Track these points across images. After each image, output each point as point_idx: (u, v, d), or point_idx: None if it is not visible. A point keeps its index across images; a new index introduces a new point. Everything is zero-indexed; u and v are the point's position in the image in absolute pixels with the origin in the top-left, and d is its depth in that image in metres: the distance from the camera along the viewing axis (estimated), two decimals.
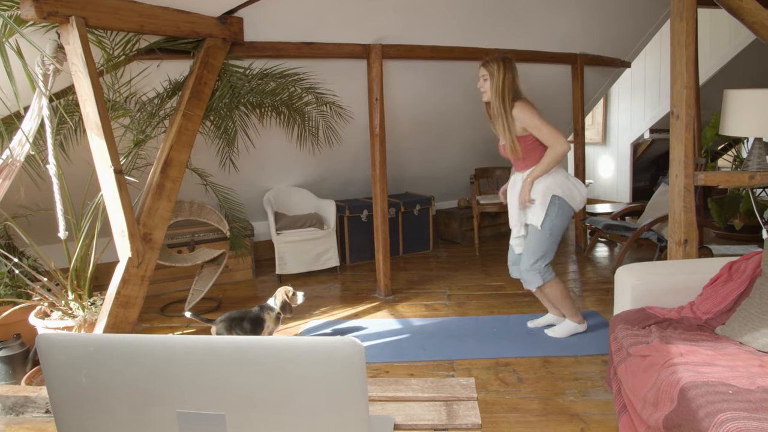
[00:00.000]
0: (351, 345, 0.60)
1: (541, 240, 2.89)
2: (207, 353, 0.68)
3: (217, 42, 3.01)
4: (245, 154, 3.88)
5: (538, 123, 2.77)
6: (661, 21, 4.61)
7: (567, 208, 2.87)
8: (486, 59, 2.91)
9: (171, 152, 2.80)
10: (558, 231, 2.90)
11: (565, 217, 2.88)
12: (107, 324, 2.54)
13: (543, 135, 2.79)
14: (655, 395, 1.68)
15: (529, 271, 2.93)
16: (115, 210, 2.57)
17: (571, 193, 2.86)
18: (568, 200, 2.85)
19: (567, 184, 2.87)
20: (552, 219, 2.85)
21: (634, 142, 6.52)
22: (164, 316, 3.65)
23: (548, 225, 2.86)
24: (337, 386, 0.60)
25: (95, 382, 0.72)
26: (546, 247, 2.89)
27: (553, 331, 3.08)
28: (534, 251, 2.90)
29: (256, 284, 4.35)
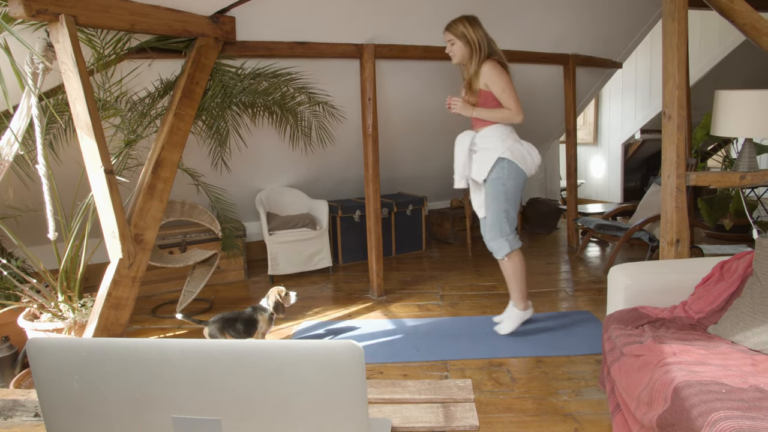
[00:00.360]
0: (350, 348, 0.59)
1: (498, 205, 2.90)
2: (203, 357, 0.67)
3: (209, 41, 2.99)
4: (237, 154, 3.86)
5: (504, 86, 2.80)
6: (652, 22, 4.64)
7: (518, 171, 2.87)
8: (449, 24, 2.93)
9: (162, 152, 2.78)
10: (512, 194, 2.90)
11: (517, 180, 2.89)
12: (98, 326, 2.51)
13: (504, 98, 2.81)
14: (649, 395, 1.69)
15: (495, 239, 2.94)
16: (105, 210, 2.55)
17: (522, 156, 2.87)
18: (519, 163, 2.86)
19: (517, 147, 2.88)
20: (504, 182, 2.86)
21: (625, 143, 6.57)
22: (155, 318, 3.62)
23: (501, 188, 2.87)
24: (336, 390, 0.59)
25: (88, 387, 0.71)
26: (504, 211, 2.90)
27: (500, 328, 3.07)
28: (497, 219, 2.92)
29: (248, 285, 4.33)
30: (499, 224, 2.92)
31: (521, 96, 4.84)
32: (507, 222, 2.91)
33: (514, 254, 2.97)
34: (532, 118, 5.24)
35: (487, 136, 2.93)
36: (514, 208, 2.95)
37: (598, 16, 4.35)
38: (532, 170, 2.95)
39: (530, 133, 5.55)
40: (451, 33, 2.91)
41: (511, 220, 2.93)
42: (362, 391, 0.61)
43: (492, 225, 2.95)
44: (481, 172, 2.92)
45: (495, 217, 2.93)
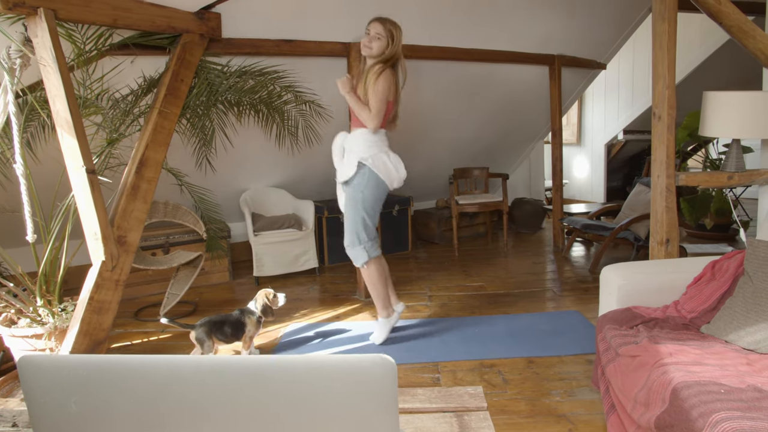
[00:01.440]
0: (382, 363, 0.55)
1: (355, 212, 2.88)
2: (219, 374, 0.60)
3: (194, 38, 2.92)
4: (222, 153, 3.78)
5: (381, 94, 2.77)
6: (636, 23, 4.69)
7: (378, 181, 2.85)
8: (385, 20, 2.87)
9: (146, 151, 2.70)
10: (371, 203, 2.86)
11: (377, 190, 2.86)
12: (80, 331, 2.43)
13: (373, 101, 2.79)
14: (646, 395, 1.68)
15: (353, 246, 2.92)
16: (87, 212, 2.46)
17: (385, 167, 2.86)
18: (380, 174, 2.84)
19: (381, 157, 2.87)
20: (362, 189, 2.84)
21: (608, 143, 6.64)
22: (138, 321, 3.52)
23: (358, 195, 2.85)
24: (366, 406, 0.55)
25: (89, 410, 0.64)
26: (360, 219, 2.87)
27: (373, 338, 3.04)
28: (353, 225, 2.89)
29: (233, 287, 4.25)
30: (355, 231, 2.88)
31: (506, 97, 4.89)
32: (364, 230, 2.87)
33: (372, 262, 2.92)
34: (517, 118, 5.29)
35: (355, 139, 2.92)
36: (372, 218, 2.90)
37: (583, 17, 4.38)
38: (394, 184, 2.92)
39: (516, 133, 5.59)
40: (383, 28, 2.84)
41: (368, 228, 2.89)
42: (394, 407, 0.57)
43: (348, 231, 2.92)
44: (343, 173, 2.92)
45: (351, 223, 2.90)
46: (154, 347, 3.12)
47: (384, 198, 2.96)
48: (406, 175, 2.99)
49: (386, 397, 0.56)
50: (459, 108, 4.76)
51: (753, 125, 2.41)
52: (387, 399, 0.56)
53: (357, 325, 3.37)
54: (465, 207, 5.05)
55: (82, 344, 2.44)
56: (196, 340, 2.70)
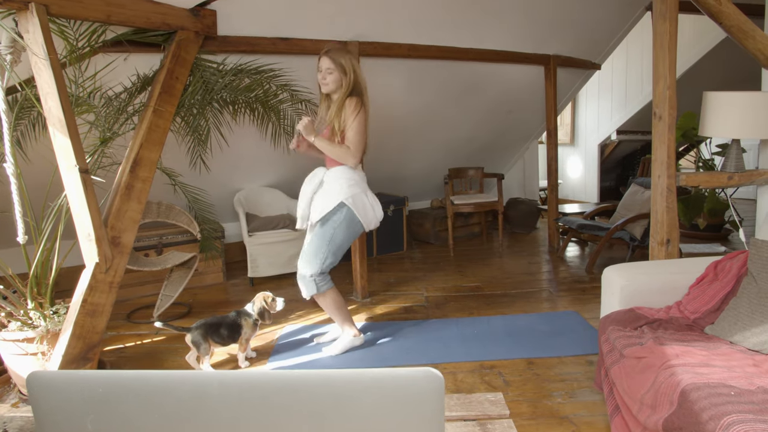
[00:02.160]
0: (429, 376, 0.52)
1: (320, 247, 2.76)
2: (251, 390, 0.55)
3: (189, 35, 2.86)
4: (216, 153, 3.72)
5: (358, 126, 2.68)
6: (631, 24, 4.70)
7: (354, 221, 2.76)
8: (332, 52, 2.76)
9: (141, 150, 2.64)
10: (339, 243, 2.77)
11: (351, 230, 2.77)
12: (73, 334, 2.37)
13: (351, 135, 2.70)
14: (653, 397, 1.67)
15: (302, 278, 2.81)
16: (80, 212, 2.40)
17: (364, 208, 2.77)
18: (360, 216, 2.76)
19: (361, 198, 2.77)
20: (335, 227, 2.74)
21: (601, 143, 6.66)
22: (131, 323, 3.46)
23: (329, 232, 2.74)
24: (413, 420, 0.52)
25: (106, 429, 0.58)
26: (324, 255, 2.76)
27: (329, 349, 2.94)
28: (311, 258, 2.77)
29: (227, 288, 4.20)
30: (312, 263, 2.76)
31: (501, 97, 4.87)
32: (320, 264, 2.76)
33: (320, 296, 2.84)
34: (512, 118, 5.28)
35: (336, 177, 2.79)
36: (336, 257, 2.79)
37: (579, 17, 4.38)
38: (371, 225, 2.83)
39: (511, 133, 5.58)
40: (331, 62, 2.74)
41: (325, 263, 2.77)
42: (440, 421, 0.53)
43: (305, 260, 2.79)
44: (319, 212, 2.78)
45: (311, 256, 2.77)
46: (147, 350, 3.06)
47: (355, 238, 2.85)
48: (382, 217, 2.89)
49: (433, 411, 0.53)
50: (454, 108, 4.74)
51: (753, 125, 2.41)
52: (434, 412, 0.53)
53: None
54: (460, 207, 5.04)
55: (75, 348, 2.39)
56: (192, 343, 2.65)
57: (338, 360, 2.87)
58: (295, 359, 2.87)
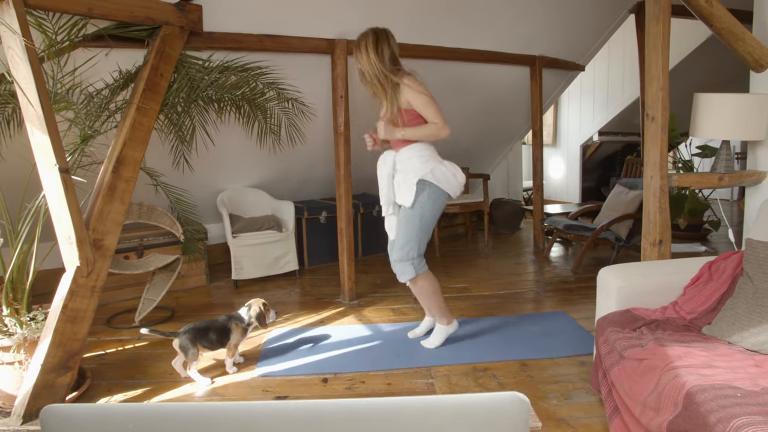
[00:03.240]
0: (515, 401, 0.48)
1: (410, 230, 2.74)
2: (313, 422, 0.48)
3: (174, 30, 2.77)
4: (199, 152, 3.63)
5: (427, 99, 2.66)
6: (615, 26, 4.75)
7: (439, 194, 2.74)
8: (356, 46, 2.77)
9: (124, 149, 2.54)
10: (429, 219, 2.75)
11: (437, 203, 2.75)
12: (52, 342, 2.26)
13: (429, 112, 2.66)
14: (657, 399, 1.66)
15: (400, 262, 2.79)
16: (60, 214, 2.30)
17: (446, 178, 2.73)
18: (442, 186, 2.73)
19: (440, 168, 2.73)
20: (422, 206, 2.72)
21: (583, 144, 6.72)
22: (111, 329, 3.33)
23: (417, 212, 2.72)
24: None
25: None
26: (417, 237, 2.75)
27: (427, 342, 2.94)
28: (404, 243, 2.76)
29: (210, 291, 4.09)
30: (407, 247, 2.75)
31: (487, 97, 4.87)
32: (416, 246, 2.75)
33: (420, 278, 2.82)
34: (498, 118, 5.28)
35: (408, 157, 2.75)
36: (427, 235, 2.78)
37: (565, 18, 4.40)
38: (456, 191, 2.79)
39: (495, 134, 5.59)
40: (355, 58, 2.74)
41: (420, 246, 2.77)
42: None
43: (400, 247, 2.78)
44: (407, 197, 2.73)
45: (405, 241, 2.76)
46: (129, 356, 2.95)
47: (443, 208, 2.83)
48: (464, 181, 2.84)
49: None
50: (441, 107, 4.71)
51: (743, 127, 2.44)
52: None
53: (342, 330, 3.28)
54: (447, 208, 5.01)
55: (55, 356, 2.28)
56: (179, 348, 2.56)
57: (337, 361, 2.81)
58: (284, 364, 2.80)
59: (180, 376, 2.66)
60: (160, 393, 2.53)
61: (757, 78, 2.60)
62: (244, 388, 2.57)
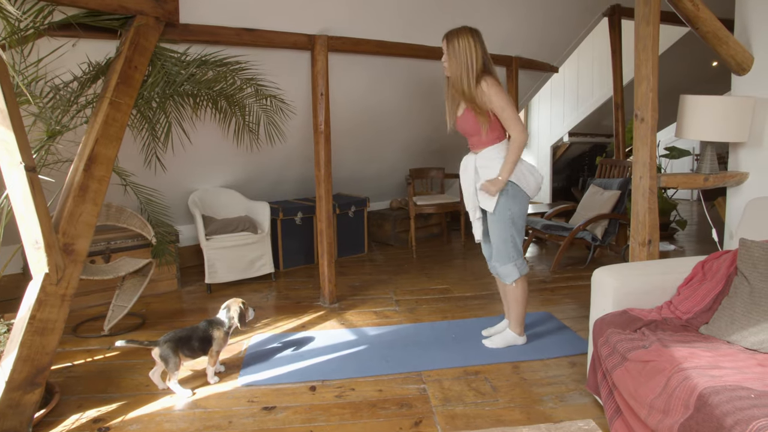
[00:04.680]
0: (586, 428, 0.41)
1: (505, 234, 2.75)
2: None
3: (149, 21, 2.61)
4: (170, 151, 3.45)
5: (504, 103, 2.63)
6: (589, 28, 4.82)
7: (521, 194, 2.73)
8: (449, 33, 2.70)
9: (96, 146, 2.37)
10: (519, 218, 2.76)
11: (522, 203, 2.75)
12: (19, 357, 2.08)
13: (505, 117, 2.64)
14: (665, 401, 1.64)
15: (503, 265, 2.80)
16: (26, 216, 2.11)
17: (525, 178, 2.72)
18: (522, 185, 2.71)
19: (519, 168, 2.71)
20: (510, 207, 2.71)
21: (553, 145, 6.82)
22: (78, 338, 3.12)
23: (507, 214, 2.72)
24: None
25: None
26: (510, 235, 2.76)
27: (490, 342, 2.95)
28: (503, 245, 2.77)
29: (182, 296, 3.91)
30: (506, 250, 2.77)
31: None
32: (513, 247, 2.77)
33: (522, 279, 2.83)
34: None
35: (489, 158, 2.71)
36: (520, 233, 2.79)
37: (540, 20, 4.43)
38: (534, 192, 2.78)
39: None
40: (449, 44, 2.67)
41: (517, 245, 2.79)
42: None
43: (498, 251, 2.79)
44: (490, 202, 2.72)
45: (501, 243, 2.77)
46: (100, 368, 2.76)
47: (527, 210, 2.80)
48: (542, 180, 2.82)
49: None
50: (418, 107, 4.67)
51: (728, 129, 2.48)
52: None
53: (325, 334, 3.18)
54: (423, 208, 4.98)
55: (22, 372, 2.09)
56: (160, 358, 2.40)
57: (324, 368, 2.70)
58: (268, 372, 2.68)
59: (158, 388, 2.51)
60: (136, 407, 2.37)
61: (739, 81, 2.66)
62: (228, 399, 2.44)
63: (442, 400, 2.39)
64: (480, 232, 2.93)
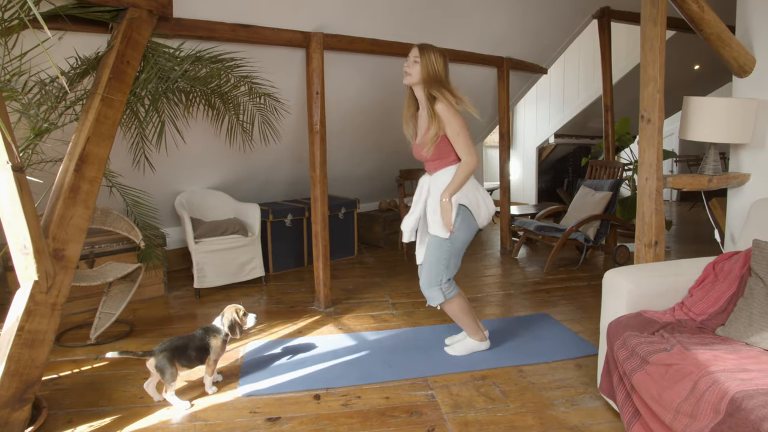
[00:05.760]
0: None
1: (442, 253, 2.62)
2: None
3: (141, 14, 2.48)
4: (160, 151, 3.31)
5: (459, 129, 2.54)
6: (578, 31, 4.84)
7: (472, 222, 2.65)
8: (423, 44, 2.66)
9: (88, 145, 2.24)
10: (461, 244, 2.65)
11: (470, 230, 2.65)
12: (6, 371, 1.94)
13: (459, 142, 2.56)
14: (693, 406, 1.62)
15: (429, 288, 2.68)
16: (13, 219, 1.98)
17: (478, 206, 2.64)
18: (474, 213, 2.64)
19: (476, 196, 2.65)
20: (456, 231, 2.60)
21: (539, 146, 6.85)
22: (63, 348, 2.96)
23: (451, 237, 2.61)
24: None
25: None
26: (448, 261, 2.64)
27: (452, 349, 2.86)
28: (435, 265, 2.64)
29: (169, 301, 3.76)
30: (436, 272, 2.64)
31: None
32: (445, 271, 2.65)
33: (448, 302, 2.71)
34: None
35: (444, 182, 2.61)
36: (458, 259, 2.68)
37: (532, 21, 4.43)
38: (484, 221, 2.69)
39: None
40: (420, 52, 2.60)
41: (450, 270, 2.66)
42: None
43: (429, 271, 2.66)
44: (436, 226, 2.60)
45: (434, 263, 2.64)
46: (89, 380, 2.61)
47: (471, 239, 2.70)
48: (494, 211, 2.73)
49: None
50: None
51: (731, 130, 2.50)
52: None
53: (324, 340, 3.09)
54: None
55: (10, 388, 1.95)
56: (156, 369, 2.28)
57: (326, 375, 2.61)
58: (268, 380, 2.58)
59: (153, 400, 2.38)
60: (131, 421, 2.24)
61: (741, 83, 2.68)
62: (229, 410, 2.33)
63: (452, 407, 2.33)
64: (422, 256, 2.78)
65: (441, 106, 2.55)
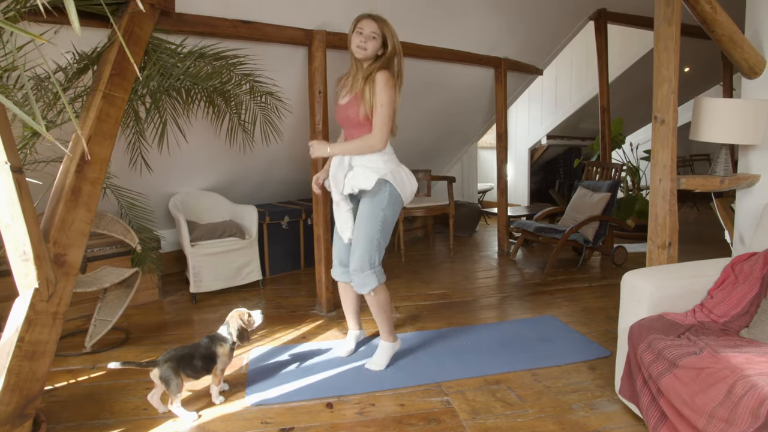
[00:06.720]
0: None
1: (373, 230, 2.52)
2: None
3: (143, 8, 2.37)
4: (157, 152, 3.19)
5: (387, 101, 2.43)
6: (575, 32, 4.84)
7: (398, 198, 2.56)
8: (379, 18, 2.56)
9: (89, 145, 2.12)
10: (389, 223, 2.56)
11: (396, 208, 2.57)
12: (6, 386, 1.81)
13: (379, 114, 2.44)
14: (729, 411, 1.59)
15: (361, 271, 2.54)
16: (12, 223, 1.86)
17: (402, 182, 2.56)
18: (399, 189, 2.55)
19: (400, 172, 2.57)
20: (383, 208, 2.52)
21: (531, 147, 6.87)
22: (56, 357, 2.81)
23: (379, 215, 2.52)
24: None
25: None
26: (377, 242, 2.54)
27: (374, 365, 2.70)
28: (368, 246, 2.52)
29: (165, 306, 3.63)
30: (369, 253, 2.52)
31: (452, 97, 4.78)
32: (377, 252, 2.55)
33: (381, 288, 2.60)
34: (459, 119, 5.22)
35: (367, 158, 2.54)
36: (386, 239, 2.58)
37: (529, 22, 4.41)
38: (409, 198, 2.62)
39: (455, 135, 5.53)
40: (380, 29, 2.51)
41: (381, 251, 2.57)
42: None
43: (361, 254, 2.53)
44: (356, 184, 2.52)
45: (366, 244, 2.52)
46: (86, 391, 2.49)
47: (397, 218, 2.62)
48: (416, 188, 2.65)
49: None
50: (403, 107, 4.55)
51: (743, 131, 2.49)
52: None
53: (330, 345, 3.01)
54: (413, 211, 4.87)
55: (10, 404, 1.83)
56: (160, 379, 2.17)
57: (336, 383, 2.53)
58: (277, 389, 2.49)
59: (158, 412, 2.27)
60: None
61: (750, 84, 2.69)
62: (239, 421, 2.23)
63: (470, 413, 2.27)
64: (349, 229, 2.62)
65: (383, 74, 2.45)
